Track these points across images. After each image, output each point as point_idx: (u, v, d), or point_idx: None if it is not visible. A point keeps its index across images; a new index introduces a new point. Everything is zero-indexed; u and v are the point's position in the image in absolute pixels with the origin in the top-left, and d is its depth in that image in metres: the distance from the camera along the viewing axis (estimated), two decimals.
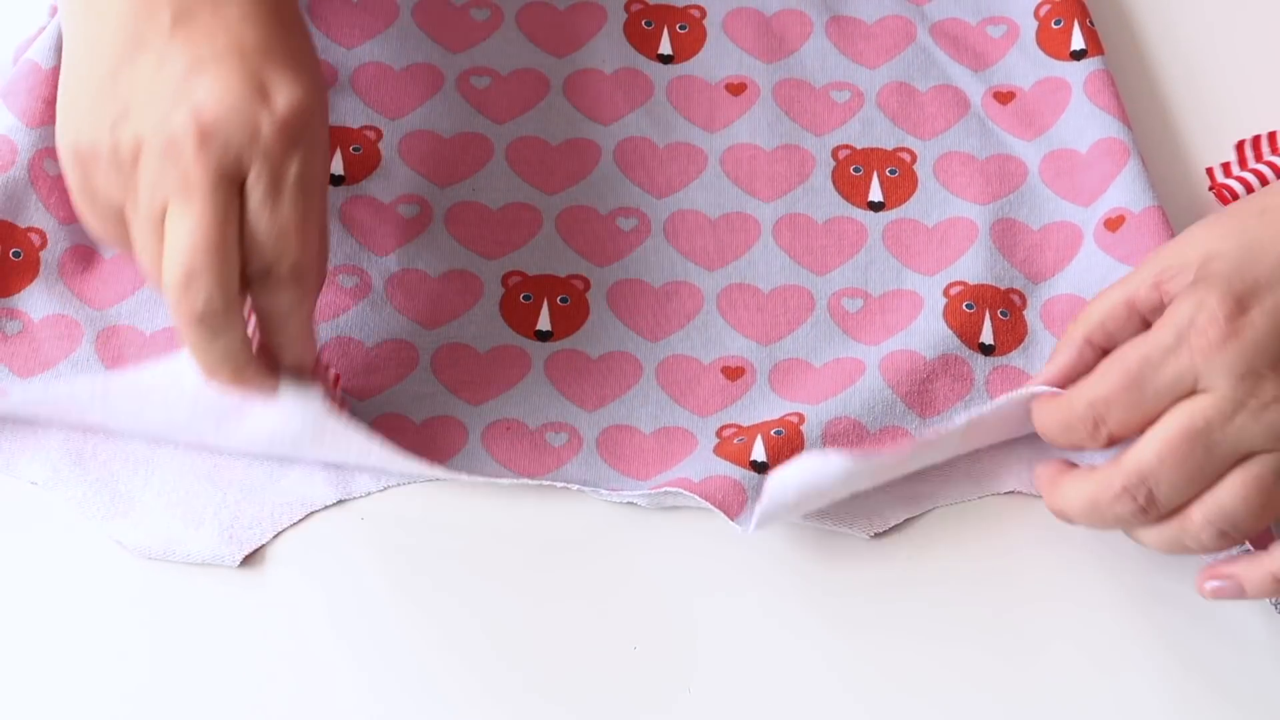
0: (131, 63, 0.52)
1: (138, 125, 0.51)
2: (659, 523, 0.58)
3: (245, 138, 0.51)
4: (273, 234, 0.52)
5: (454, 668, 0.55)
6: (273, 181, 0.51)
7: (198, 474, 0.58)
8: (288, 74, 0.52)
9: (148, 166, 0.51)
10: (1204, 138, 0.68)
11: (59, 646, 0.55)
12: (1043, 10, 0.69)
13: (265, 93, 0.51)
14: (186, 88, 0.51)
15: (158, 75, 0.52)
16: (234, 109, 0.51)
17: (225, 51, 0.52)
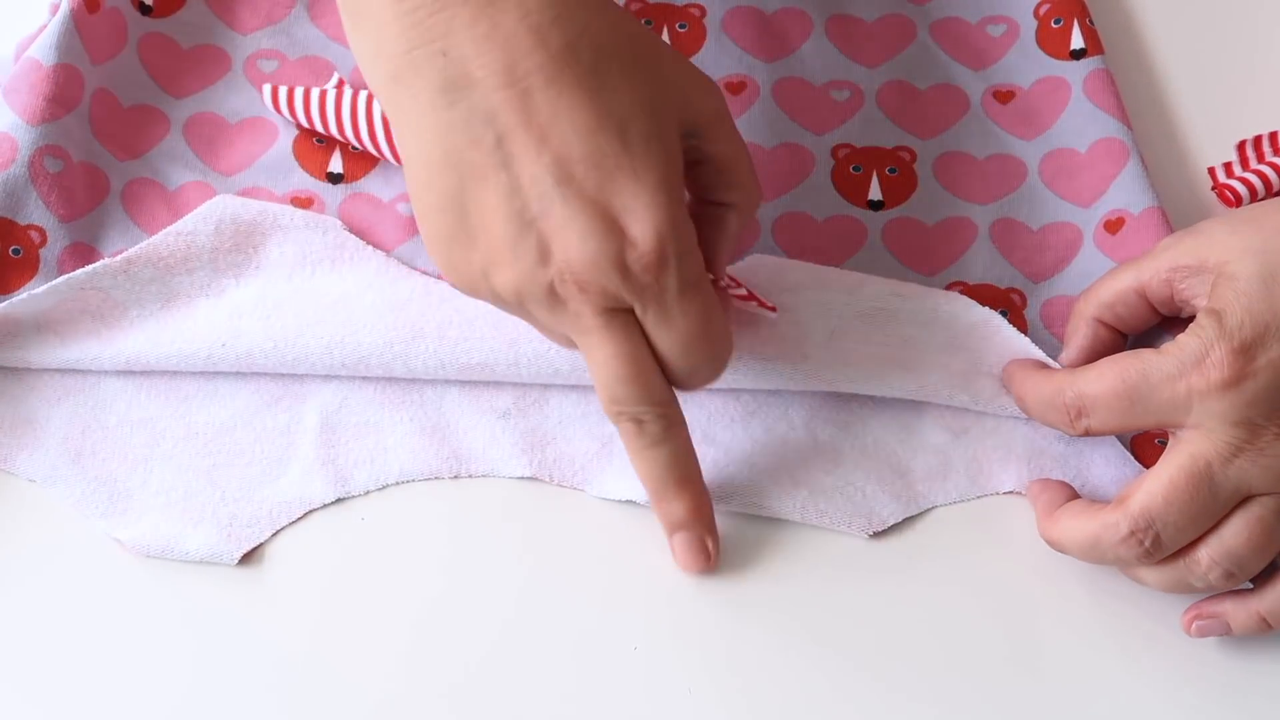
0: (471, 194, 0.50)
1: (509, 278, 0.51)
2: (659, 523, 0.58)
3: (618, 280, 0.50)
4: (677, 350, 0.52)
5: (454, 667, 0.55)
6: (659, 307, 0.51)
7: (196, 472, 0.58)
8: (633, 191, 0.50)
9: (538, 310, 0.52)
10: (1204, 137, 0.68)
11: (57, 645, 0.55)
12: (1042, 9, 0.69)
13: (619, 228, 0.50)
14: (535, 234, 0.50)
15: (505, 210, 0.50)
16: (597, 257, 0.50)
17: (560, 181, 0.49)
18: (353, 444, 0.59)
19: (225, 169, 0.64)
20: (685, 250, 0.51)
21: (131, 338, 0.58)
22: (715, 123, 0.54)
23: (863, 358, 0.59)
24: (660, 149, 0.50)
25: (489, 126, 0.49)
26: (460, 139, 0.50)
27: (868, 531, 0.58)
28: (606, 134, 0.50)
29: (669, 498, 0.55)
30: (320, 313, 0.59)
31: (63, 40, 0.63)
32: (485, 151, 0.50)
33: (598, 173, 0.50)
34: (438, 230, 0.52)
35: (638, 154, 0.50)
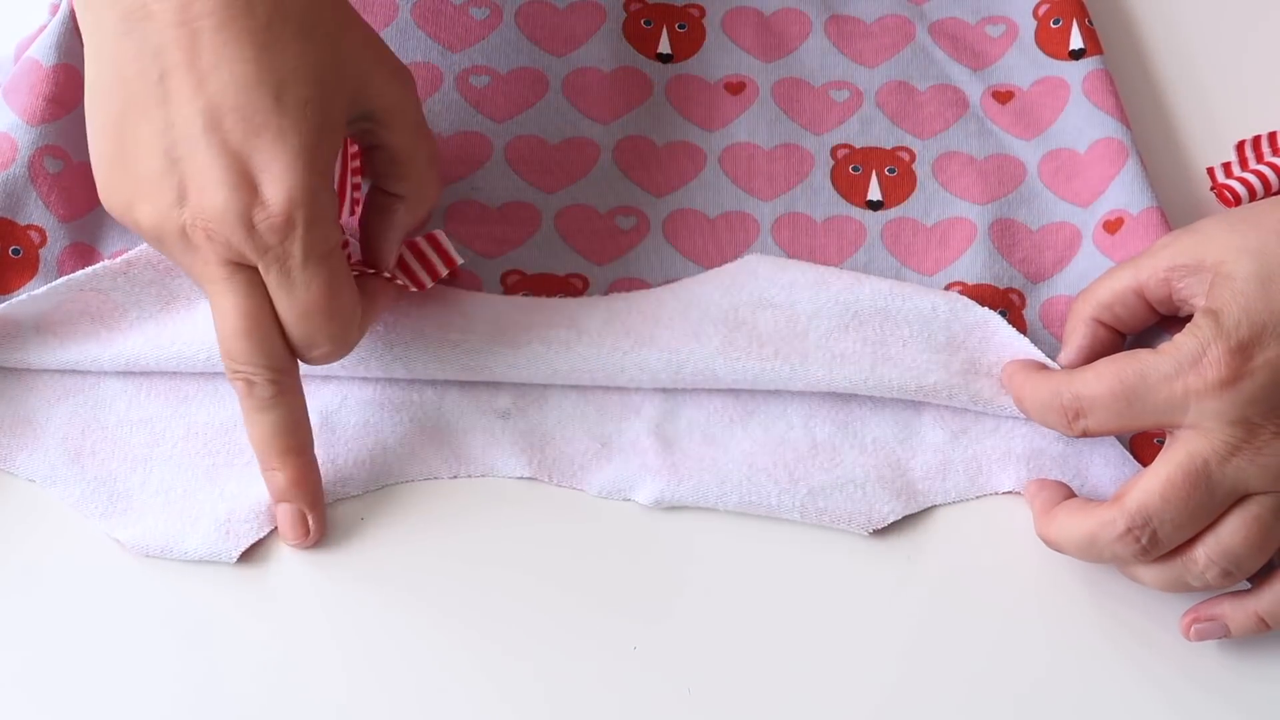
0: (130, 123, 0.52)
1: (148, 213, 0.52)
2: (659, 523, 0.58)
3: (242, 235, 0.51)
4: (294, 317, 0.52)
5: (453, 668, 0.55)
6: (280, 271, 0.51)
7: (195, 472, 0.58)
8: (274, 152, 0.50)
9: (173, 250, 0.52)
10: (1204, 138, 0.68)
11: (57, 645, 0.55)
12: (1041, 9, 0.69)
13: (253, 185, 0.50)
14: (178, 175, 0.51)
15: (154, 145, 0.51)
16: (225, 209, 0.50)
17: (208, 128, 0.50)
18: (351, 444, 0.59)
19: None
20: (316, 219, 0.51)
21: (131, 339, 0.58)
22: (394, 111, 0.55)
23: (861, 358, 0.59)
24: (314, 117, 0.51)
25: (155, 61, 0.51)
26: (130, 68, 0.51)
27: (867, 530, 0.58)
28: (262, 90, 0.50)
29: (272, 465, 0.55)
30: None
31: (63, 40, 0.62)
32: (148, 84, 0.51)
33: (244, 126, 0.50)
34: (99, 151, 0.53)
35: (289, 117, 0.51)
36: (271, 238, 0.51)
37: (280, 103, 0.51)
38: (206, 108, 0.50)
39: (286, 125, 0.51)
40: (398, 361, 0.58)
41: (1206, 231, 0.55)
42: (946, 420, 0.60)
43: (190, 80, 0.50)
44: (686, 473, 0.58)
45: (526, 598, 0.56)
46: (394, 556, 0.57)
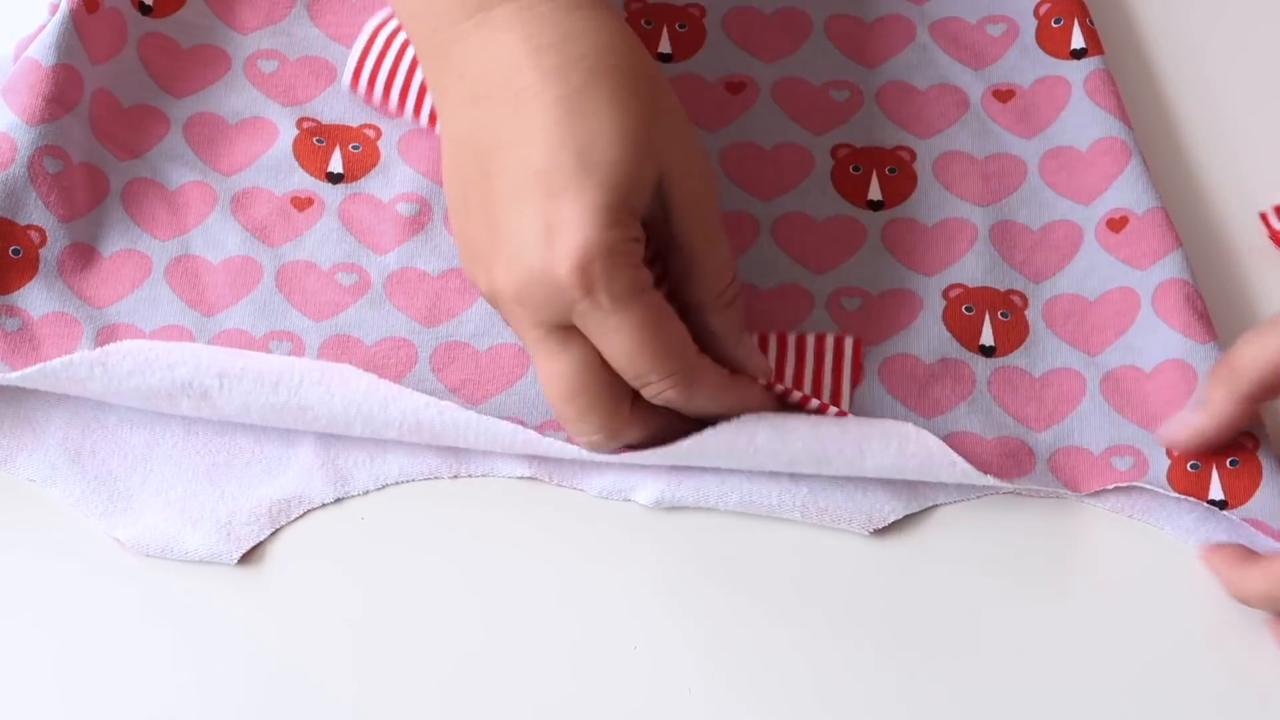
0: (470, 206, 0.54)
1: (483, 282, 0.54)
2: (659, 523, 0.58)
3: (544, 295, 0.51)
4: (623, 359, 0.52)
5: (453, 667, 0.55)
6: (593, 320, 0.52)
7: (196, 472, 0.58)
8: (572, 208, 0.51)
9: (503, 315, 0.55)
10: (1203, 139, 0.68)
11: (56, 644, 0.55)
12: (1042, 9, 0.69)
13: (553, 238, 0.51)
14: (497, 243, 0.53)
15: (482, 217, 0.53)
16: (528, 271, 0.51)
17: (517, 196, 0.52)
18: (352, 444, 0.59)
19: (225, 169, 0.64)
20: (615, 266, 0.51)
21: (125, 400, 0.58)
22: (692, 204, 0.54)
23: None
24: (615, 177, 0.51)
25: (484, 137, 0.53)
26: (465, 150, 0.54)
27: (868, 529, 0.58)
28: (566, 153, 0.51)
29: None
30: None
31: (62, 40, 0.63)
32: (479, 160, 0.53)
33: (547, 188, 0.51)
34: (456, 229, 0.56)
35: (590, 174, 0.51)
36: (573, 292, 0.51)
37: (583, 163, 0.51)
38: (518, 176, 0.52)
39: (586, 184, 0.51)
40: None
41: None
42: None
43: (508, 152, 0.52)
44: (686, 473, 0.58)
45: (527, 597, 0.56)
46: (394, 556, 0.57)
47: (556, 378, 0.53)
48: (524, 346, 0.54)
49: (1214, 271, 0.64)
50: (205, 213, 0.63)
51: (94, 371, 0.56)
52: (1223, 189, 0.66)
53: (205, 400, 0.57)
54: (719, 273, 0.55)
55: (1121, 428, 0.59)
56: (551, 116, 0.51)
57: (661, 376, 0.53)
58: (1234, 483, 0.56)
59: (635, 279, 0.52)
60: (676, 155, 0.54)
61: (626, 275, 0.51)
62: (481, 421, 0.57)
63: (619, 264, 0.51)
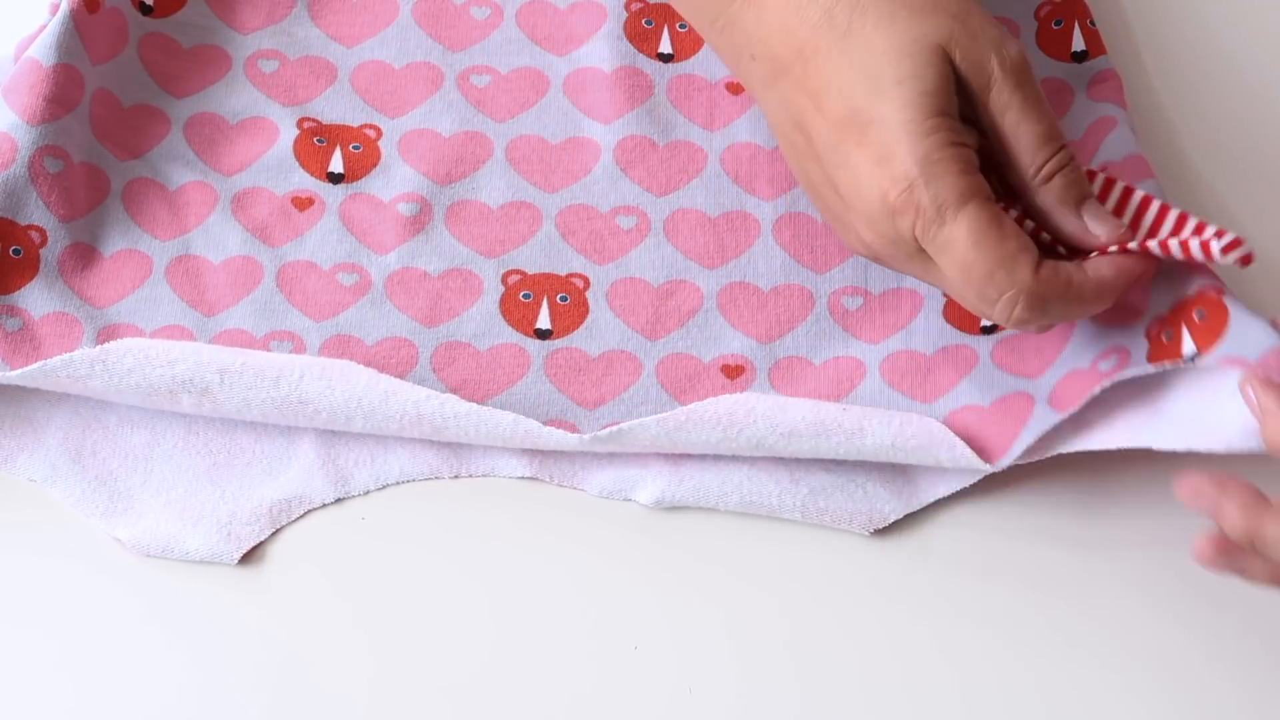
0: (800, 169, 0.58)
1: (845, 241, 0.58)
2: (659, 523, 0.58)
3: (890, 226, 0.53)
4: (960, 276, 0.52)
5: (454, 667, 0.55)
6: (931, 240, 0.52)
7: (196, 472, 0.58)
8: (882, 138, 0.52)
9: (885, 262, 0.57)
10: (1204, 140, 0.68)
11: (57, 645, 0.55)
12: (1043, 11, 0.69)
13: (877, 173, 0.52)
14: (840, 199, 0.55)
15: (819, 179, 0.56)
16: (876, 216, 0.53)
17: (840, 142, 0.54)
18: (353, 444, 0.59)
19: (226, 169, 0.64)
20: (935, 176, 0.51)
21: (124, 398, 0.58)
22: (983, 84, 0.53)
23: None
24: (910, 89, 0.52)
25: (789, 111, 0.56)
26: (782, 121, 0.57)
27: (869, 529, 0.58)
28: (859, 88, 0.52)
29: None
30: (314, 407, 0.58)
31: (63, 40, 0.63)
32: (797, 130, 0.56)
33: (858, 126, 0.52)
34: (814, 201, 0.58)
35: (887, 99, 0.52)
36: (906, 216, 0.51)
37: (876, 93, 0.52)
38: (832, 127, 0.53)
39: (886, 110, 0.52)
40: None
41: None
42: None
43: (815, 112, 0.54)
44: (687, 473, 0.58)
45: (527, 597, 0.56)
46: (394, 556, 0.57)
47: (952, 270, 0.52)
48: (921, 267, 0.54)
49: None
50: (206, 213, 0.63)
51: (94, 369, 0.56)
52: (1222, 190, 0.66)
53: (206, 396, 0.57)
54: (1033, 146, 0.53)
55: (1106, 336, 0.58)
56: (833, 65, 0.53)
57: (1002, 291, 0.52)
58: (1203, 332, 0.54)
59: (958, 185, 0.51)
60: (962, 43, 0.53)
61: (946, 182, 0.51)
62: (482, 413, 0.57)
63: (935, 172, 0.51)
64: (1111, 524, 0.58)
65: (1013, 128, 0.53)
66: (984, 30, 0.54)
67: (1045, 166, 0.53)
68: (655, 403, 0.60)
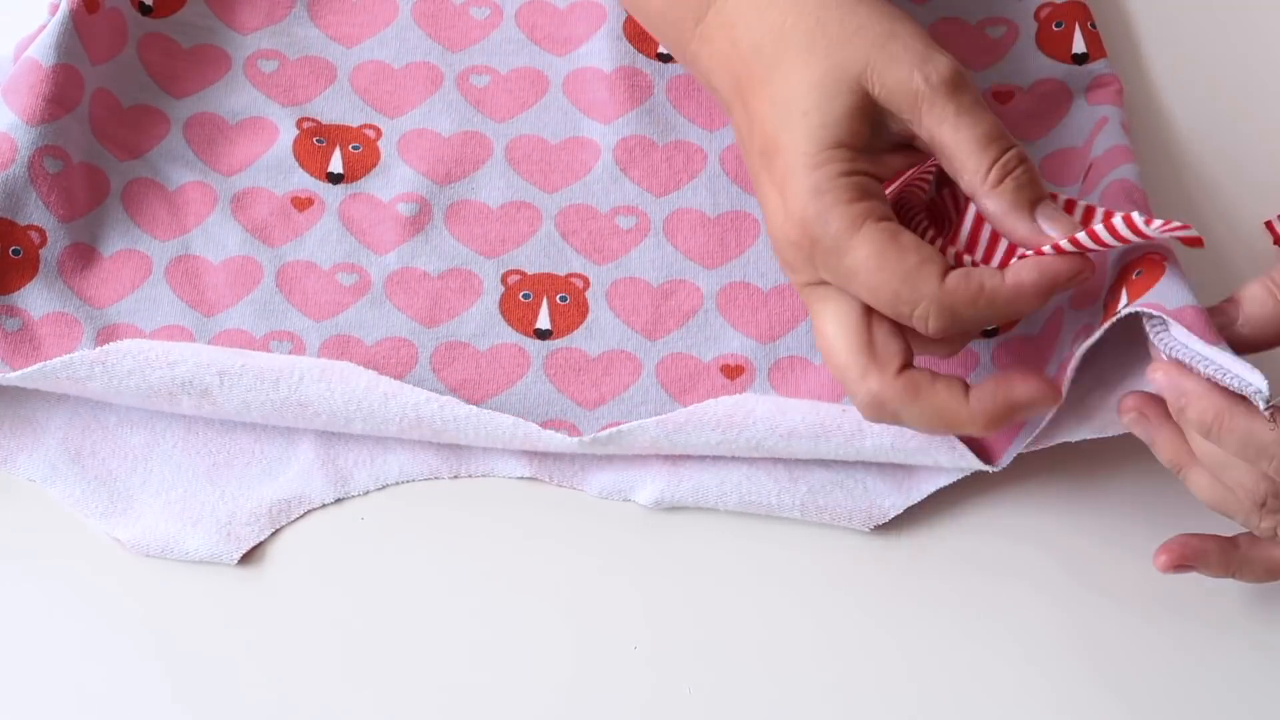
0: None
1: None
2: (659, 523, 0.58)
3: (794, 252, 0.53)
4: (869, 294, 0.52)
5: (453, 667, 0.55)
6: (831, 267, 0.52)
7: (196, 472, 0.58)
8: (783, 168, 0.53)
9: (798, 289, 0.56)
10: (1205, 141, 0.68)
11: (57, 645, 0.55)
12: (1043, 12, 0.69)
13: (781, 202, 0.53)
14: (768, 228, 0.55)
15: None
16: (780, 240, 0.54)
17: (761, 170, 0.54)
18: (352, 444, 0.59)
19: (225, 169, 0.64)
20: (824, 206, 0.51)
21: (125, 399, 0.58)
22: (908, 104, 0.53)
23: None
24: (810, 120, 0.52)
25: (740, 140, 0.56)
26: (740, 149, 0.58)
27: (869, 525, 0.58)
28: (773, 119, 0.53)
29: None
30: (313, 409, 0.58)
31: (62, 40, 0.62)
32: (746, 153, 0.56)
33: (768, 156, 0.53)
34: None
35: (790, 130, 0.52)
36: (803, 245, 0.52)
37: (788, 123, 0.52)
38: (754, 158, 0.54)
39: (787, 141, 0.52)
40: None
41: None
42: None
43: (751, 141, 0.55)
44: (686, 473, 0.58)
45: (527, 598, 0.56)
46: (394, 556, 0.57)
47: (819, 335, 0.53)
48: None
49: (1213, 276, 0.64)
50: (205, 213, 0.63)
51: (94, 370, 0.56)
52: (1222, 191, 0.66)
53: (205, 398, 0.57)
54: (976, 151, 0.52)
55: (1080, 319, 0.58)
56: (758, 98, 0.53)
57: (912, 306, 0.51)
58: (1136, 287, 0.53)
59: (848, 214, 0.51)
60: (878, 65, 0.53)
61: (838, 213, 0.51)
62: (481, 415, 0.57)
63: (825, 204, 0.51)
64: (1111, 523, 0.58)
65: (952, 137, 0.52)
66: (906, 51, 0.53)
67: (992, 171, 0.52)
68: (655, 403, 0.60)
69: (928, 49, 0.53)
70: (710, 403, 0.57)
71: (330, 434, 0.59)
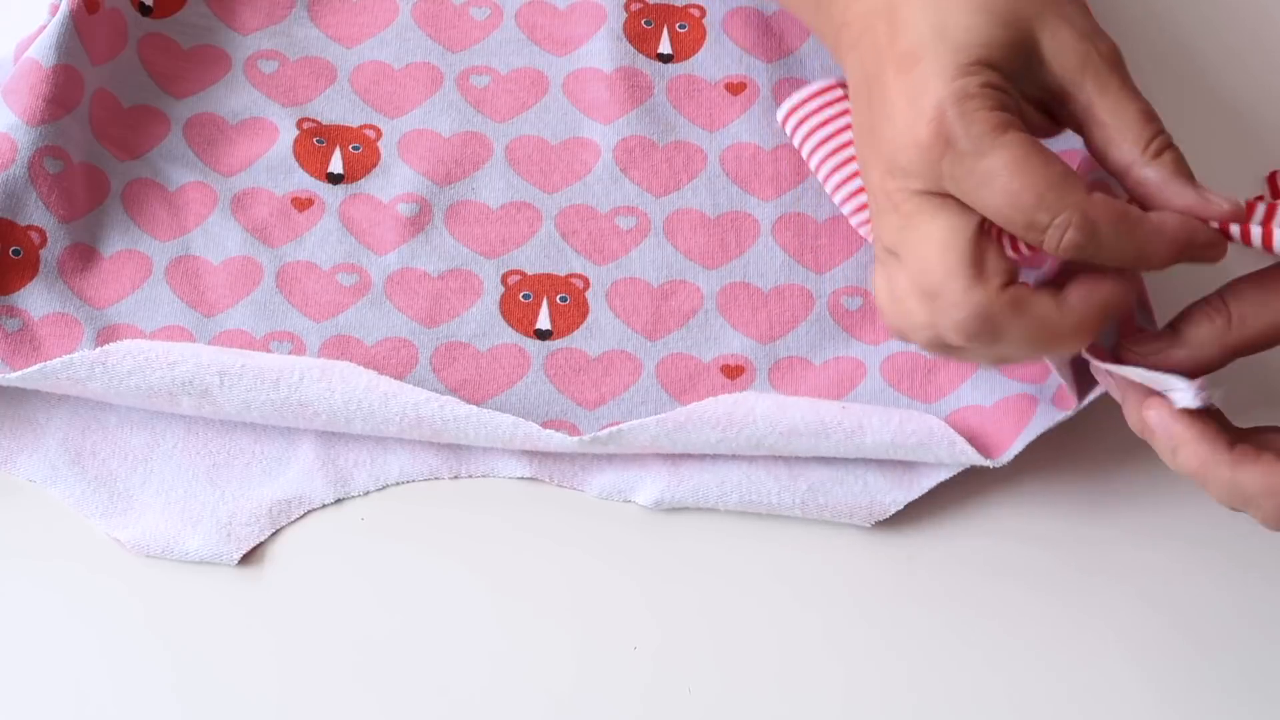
0: (858, 132, 0.55)
1: (872, 181, 0.54)
2: (659, 523, 0.58)
3: (918, 156, 0.51)
4: (1004, 205, 0.50)
5: (453, 668, 0.55)
6: (963, 173, 0.50)
7: (196, 472, 0.58)
8: (922, 73, 0.51)
9: (885, 202, 0.54)
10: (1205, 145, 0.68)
11: (57, 645, 0.55)
12: None
13: (912, 103, 0.51)
14: (875, 136, 0.53)
15: (868, 128, 0.54)
16: (896, 141, 0.52)
17: (890, 83, 0.53)
18: (352, 444, 0.59)
19: (225, 169, 0.64)
20: (967, 110, 0.50)
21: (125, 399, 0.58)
22: (1072, 64, 0.52)
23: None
24: (970, 36, 0.51)
25: (864, 67, 0.54)
26: (856, 81, 0.55)
27: (870, 522, 0.58)
28: (927, 27, 0.51)
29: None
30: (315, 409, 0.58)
31: (62, 41, 0.62)
32: (862, 84, 0.54)
33: (910, 60, 0.51)
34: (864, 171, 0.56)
35: (943, 40, 0.51)
36: (935, 148, 0.50)
37: (939, 34, 0.51)
38: (889, 62, 0.52)
39: (940, 48, 0.51)
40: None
41: None
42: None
43: (885, 56, 0.52)
44: (686, 473, 0.58)
45: (527, 598, 0.56)
46: (394, 556, 0.57)
47: (917, 249, 0.51)
48: (898, 236, 0.52)
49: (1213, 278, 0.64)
50: (205, 213, 0.63)
51: (94, 371, 0.56)
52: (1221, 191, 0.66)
53: (206, 398, 0.57)
54: (1140, 122, 0.52)
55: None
56: (916, 8, 0.52)
57: (1054, 213, 0.49)
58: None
59: (993, 119, 0.50)
60: (1051, 20, 0.52)
61: (982, 116, 0.50)
62: (482, 415, 0.57)
63: (971, 107, 0.50)
64: (1111, 522, 0.58)
65: (1115, 105, 0.52)
66: (1080, 17, 0.53)
67: (1154, 142, 0.52)
68: (655, 403, 0.60)
69: (1097, 26, 0.53)
70: (710, 401, 0.57)
71: (330, 434, 0.59)
